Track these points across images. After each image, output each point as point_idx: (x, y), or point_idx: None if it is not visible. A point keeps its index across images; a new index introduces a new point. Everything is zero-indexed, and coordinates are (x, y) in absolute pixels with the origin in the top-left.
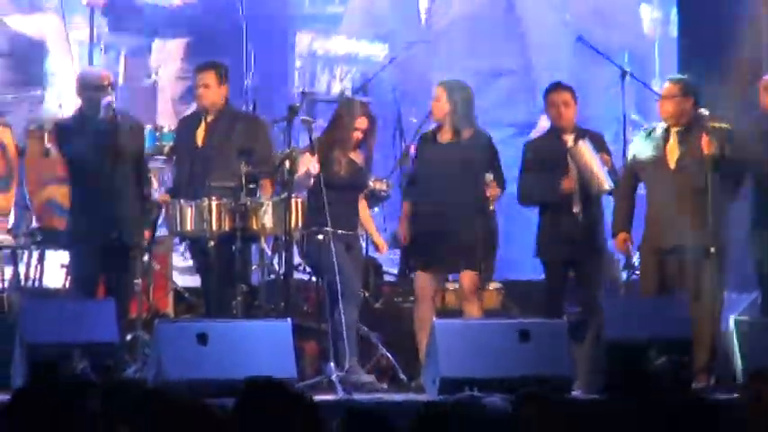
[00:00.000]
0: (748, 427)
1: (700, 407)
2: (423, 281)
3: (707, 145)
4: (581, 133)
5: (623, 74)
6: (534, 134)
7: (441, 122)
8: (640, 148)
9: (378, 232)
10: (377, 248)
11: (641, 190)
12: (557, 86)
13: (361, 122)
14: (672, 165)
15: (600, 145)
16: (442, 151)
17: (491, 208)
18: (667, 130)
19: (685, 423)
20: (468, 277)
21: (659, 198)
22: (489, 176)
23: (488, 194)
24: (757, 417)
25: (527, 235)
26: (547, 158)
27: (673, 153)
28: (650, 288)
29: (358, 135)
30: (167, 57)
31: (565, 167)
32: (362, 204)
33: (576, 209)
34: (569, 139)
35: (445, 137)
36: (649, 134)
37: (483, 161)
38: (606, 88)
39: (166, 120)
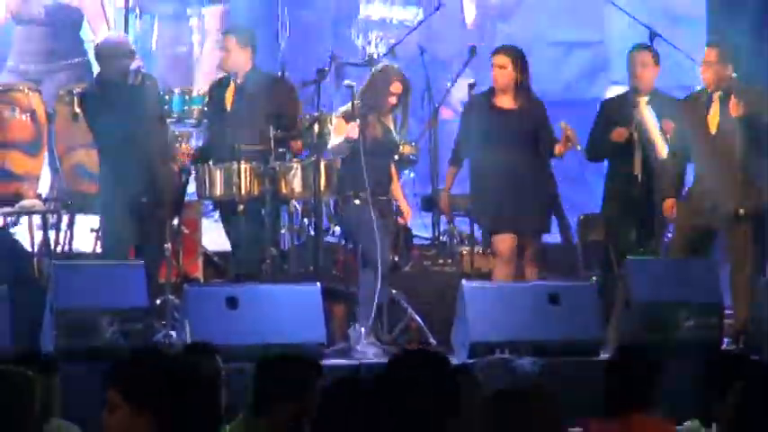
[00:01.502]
0: None
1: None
2: (505, 242)
3: (734, 107)
4: (656, 96)
5: (652, 35)
6: None
7: (502, 90)
8: (683, 113)
9: (404, 199)
10: (401, 215)
11: None
12: (638, 47)
13: (396, 87)
14: (713, 130)
15: (670, 110)
16: (501, 118)
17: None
18: (710, 95)
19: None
20: (532, 241)
21: (701, 163)
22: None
23: (557, 152)
24: None
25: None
26: (617, 117)
27: (714, 118)
28: (682, 251)
29: (393, 100)
30: (208, 28)
31: (625, 127)
32: (392, 169)
33: (636, 171)
34: (642, 101)
35: (503, 103)
36: (692, 99)
37: (539, 128)
38: None
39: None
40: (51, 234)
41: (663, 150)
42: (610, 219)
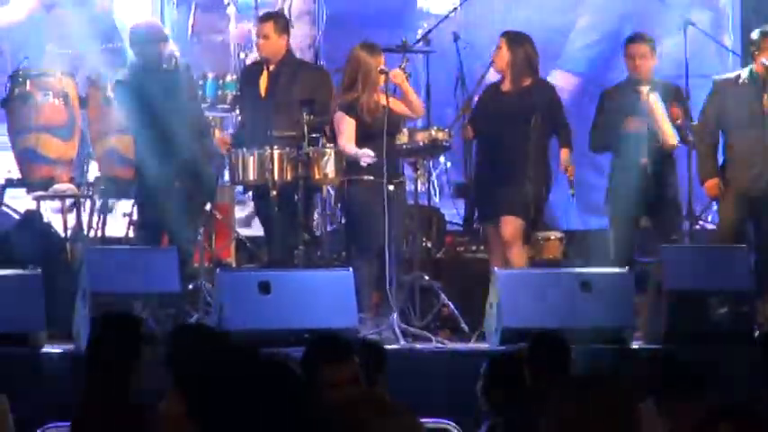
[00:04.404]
0: None
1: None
2: (491, 233)
3: None
4: (656, 85)
5: (685, 23)
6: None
7: (502, 72)
8: (727, 96)
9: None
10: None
11: None
12: (635, 38)
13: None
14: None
15: (675, 97)
16: (501, 101)
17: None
18: (762, 79)
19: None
20: (508, 223)
21: (753, 145)
22: (565, 152)
23: (567, 173)
24: None
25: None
26: (620, 108)
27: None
28: (730, 234)
29: (378, 77)
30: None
31: (637, 117)
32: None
33: (643, 161)
34: (645, 90)
35: (506, 86)
36: (737, 82)
37: (542, 111)
38: None
39: None
40: (84, 218)
41: (671, 139)
42: (616, 211)
